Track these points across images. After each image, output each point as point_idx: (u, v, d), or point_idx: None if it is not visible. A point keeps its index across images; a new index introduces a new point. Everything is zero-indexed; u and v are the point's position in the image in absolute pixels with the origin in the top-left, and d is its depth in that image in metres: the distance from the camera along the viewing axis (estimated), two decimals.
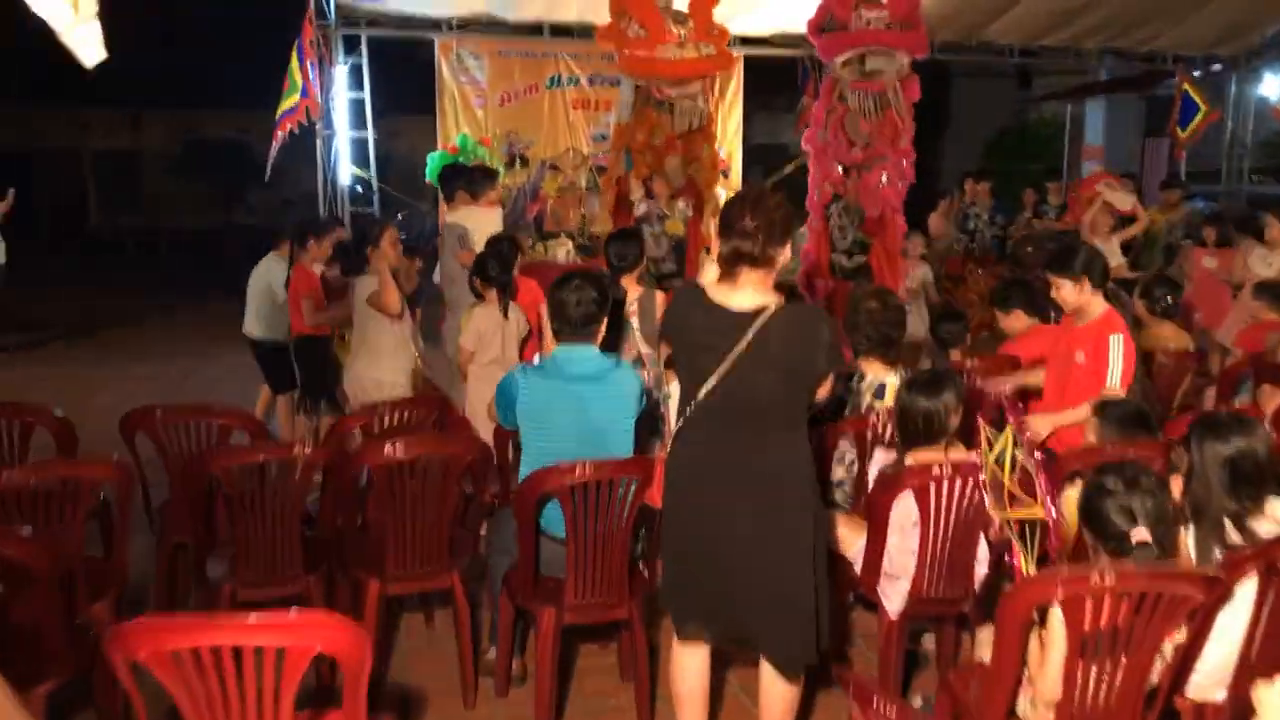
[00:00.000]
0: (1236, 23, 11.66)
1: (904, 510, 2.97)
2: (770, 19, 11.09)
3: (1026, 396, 4.11)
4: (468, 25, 10.54)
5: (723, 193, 11.34)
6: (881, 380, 3.54)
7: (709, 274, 4.47)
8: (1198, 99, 11.88)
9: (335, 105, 10.32)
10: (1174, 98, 12.21)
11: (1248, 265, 6.59)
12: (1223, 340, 6.29)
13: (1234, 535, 2.42)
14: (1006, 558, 2.50)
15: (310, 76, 8.66)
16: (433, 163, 10.39)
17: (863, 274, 6.75)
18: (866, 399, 3.53)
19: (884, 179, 6.66)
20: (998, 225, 10.57)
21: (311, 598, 3.12)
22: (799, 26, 11.36)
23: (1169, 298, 4.86)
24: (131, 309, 12.45)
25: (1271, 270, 6.40)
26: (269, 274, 6.09)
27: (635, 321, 3.96)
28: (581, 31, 10.79)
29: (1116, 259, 7.58)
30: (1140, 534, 2.24)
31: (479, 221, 6.00)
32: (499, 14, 10.38)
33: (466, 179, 6.17)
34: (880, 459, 3.17)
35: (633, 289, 4.10)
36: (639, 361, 3.96)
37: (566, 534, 2.89)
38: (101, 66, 4.88)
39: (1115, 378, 3.57)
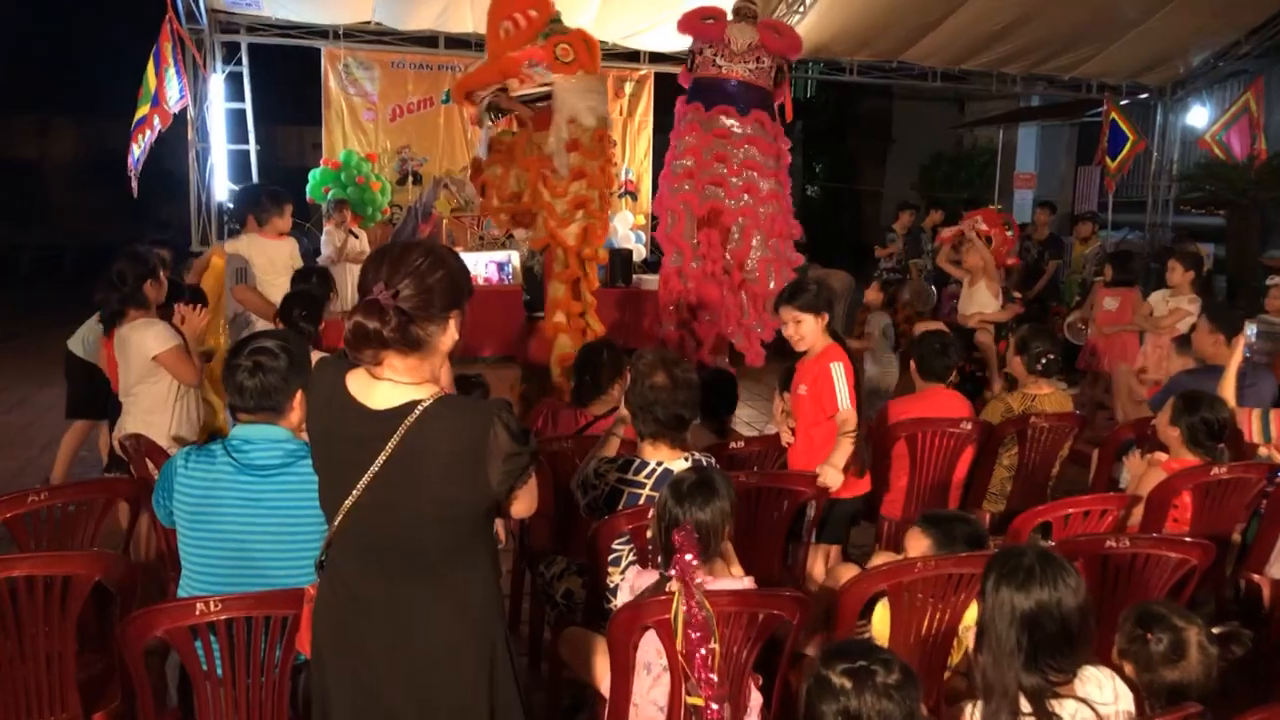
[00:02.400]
0: (1160, 51, 11.38)
1: (651, 650, 2.36)
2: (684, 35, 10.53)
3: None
4: (356, 34, 9.89)
5: (630, 216, 10.80)
6: (668, 467, 2.94)
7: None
8: (1126, 128, 11.53)
9: (211, 116, 9.60)
10: (1102, 127, 11.87)
11: (1149, 305, 6.14)
12: (1132, 385, 5.83)
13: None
14: None
15: (168, 84, 7.93)
16: (314, 179, 9.71)
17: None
18: (646, 490, 2.92)
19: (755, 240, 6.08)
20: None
21: None
22: None
23: (1049, 355, 4.31)
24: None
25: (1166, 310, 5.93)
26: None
27: None
28: (479, 43, 10.19)
29: (985, 304, 7.05)
30: None
31: (264, 253, 5.28)
32: (388, 23, 9.77)
33: (253, 203, 5.46)
34: (631, 580, 2.55)
35: None
36: None
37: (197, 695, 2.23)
38: (10, 73, 4.14)
39: (844, 399, 3.48)
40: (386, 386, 1.87)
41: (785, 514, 3.27)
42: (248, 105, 9.96)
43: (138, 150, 7.84)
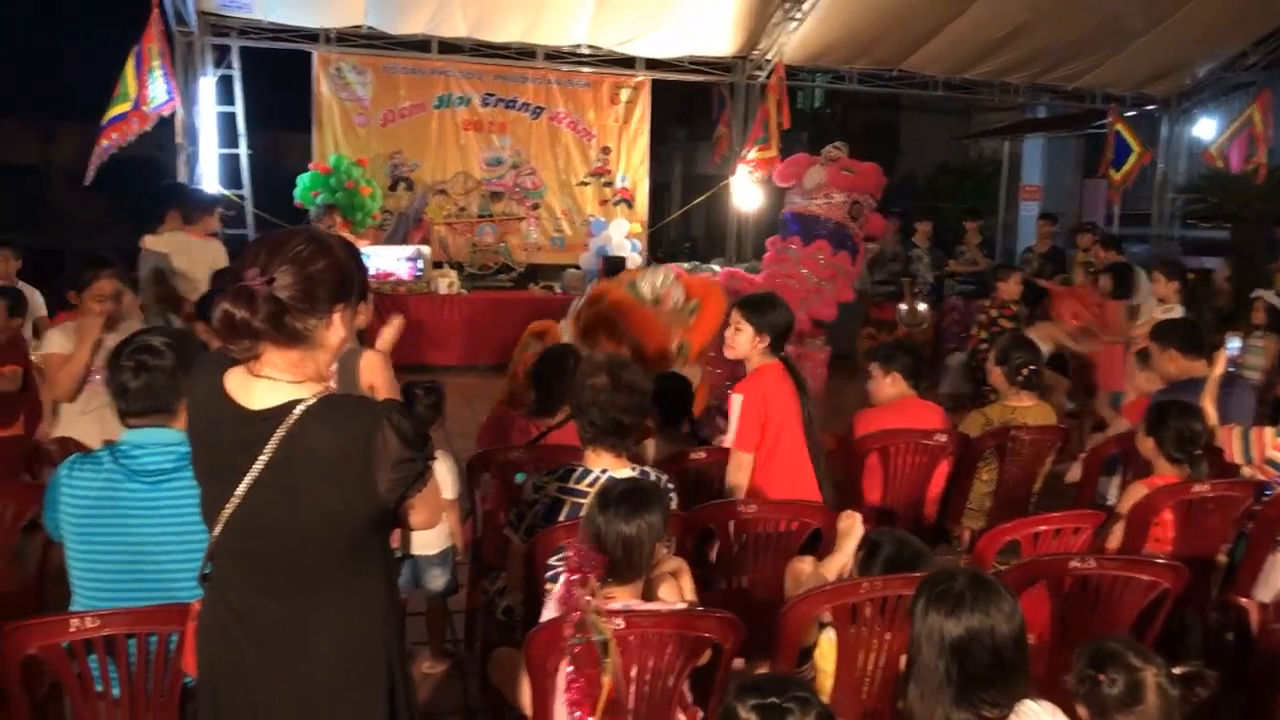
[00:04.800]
0: (1166, 62, 11.20)
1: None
2: (680, 42, 10.43)
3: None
4: (348, 38, 9.79)
5: (625, 224, 10.67)
6: (612, 475, 2.77)
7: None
8: (1131, 140, 11.33)
9: (201, 119, 9.51)
10: (1106, 138, 11.68)
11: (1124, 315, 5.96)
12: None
13: None
14: None
15: (151, 86, 7.82)
16: (303, 184, 9.61)
17: None
18: (588, 500, 2.76)
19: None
20: (934, 267, 9.88)
21: None
22: (712, 50, 10.84)
23: (1030, 366, 4.13)
24: None
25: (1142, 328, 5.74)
26: None
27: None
28: (474, 48, 10.12)
29: None
30: None
31: (187, 251, 5.12)
32: (380, 26, 9.66)
33: (181, 198, 5.30)
34: (564, 593, 2.38)
35: None
36: None
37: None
38: (13, 78, 4.04)
39: (730, 434, 3.35)
40: (265, 385, 1.72)
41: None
42: (238, 109, 9.86)
43: (107, 145, 7.69)
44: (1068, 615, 2.63)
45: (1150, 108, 12.62)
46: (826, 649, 2.47)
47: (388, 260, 8.99)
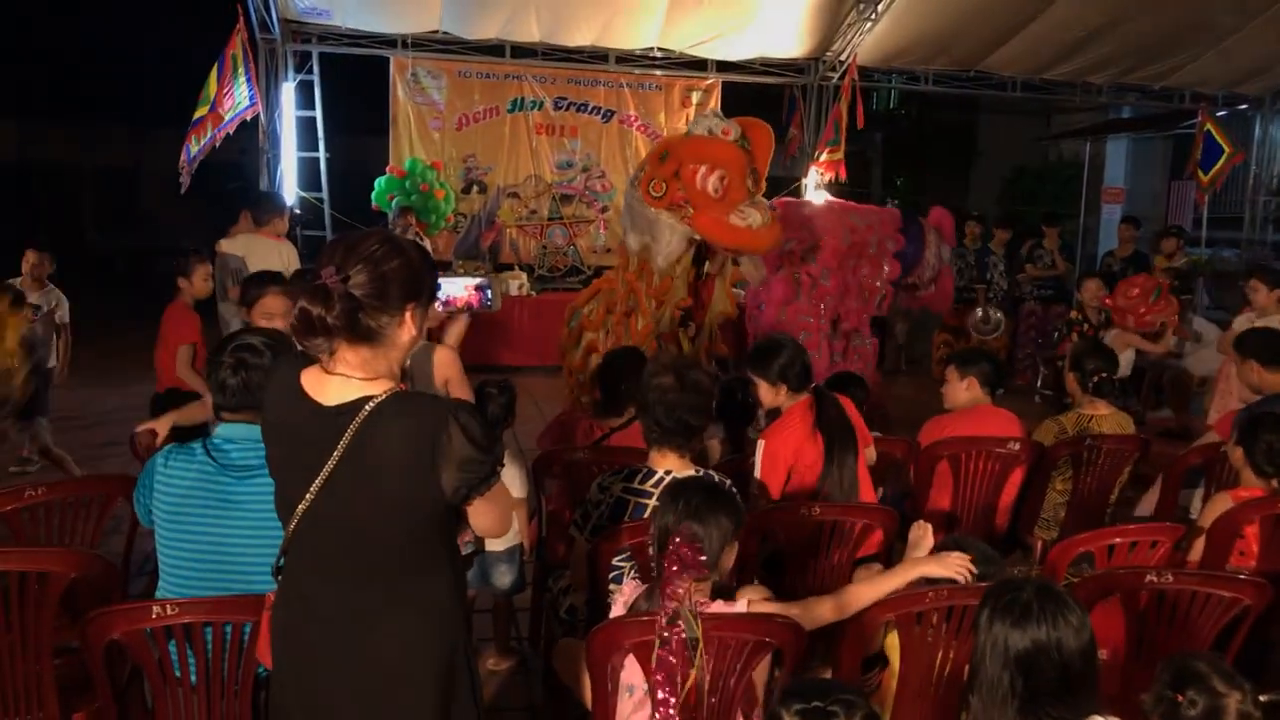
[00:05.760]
0: (1259, 59, 10.76)
1: (636, 672, 2.20)
2: (751, 44, 10.39)
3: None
4: (424, 44, 9.98)
5: None
6: (677, 476, 2.77)
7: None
8: (1221, 140, 10.91)
9: (283, 124, 9.79)
10: (1195, 138, 11.28)
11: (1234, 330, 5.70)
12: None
13: None
14: None
15: (236, 91, 8.08)
16: (379, 187, 9.81)
17: None
18: (652, 501, 2.77)
19: None
20: (1009, 274, 9.65)
21: None
22: (784, 51, 10.77)
23: (1103, 373, 4.01)
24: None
25: None
26: None
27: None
28: (546, 53, 10.23)
29: None
30: None
31: (261, 253, 5.24)
32: (455, 31, 9.82)
33: (254, 201, 5.42)
34: (631, 592, 2.39)
35: None
36: None
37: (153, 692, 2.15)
38: (109, 83, 4.27)
39: (755, 473, 3.34)
40: (339, 382, 1.77)
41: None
42: (318, 113, 10.12)
43: (194, 149, 7.95)
44: (1143, 631, 2.56)
45: (1242, 107, 12.16)
46: (893, 644, 2.44)
47: (456, 289, 8.94)
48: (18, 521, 2.79)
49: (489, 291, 1.92)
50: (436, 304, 1.96)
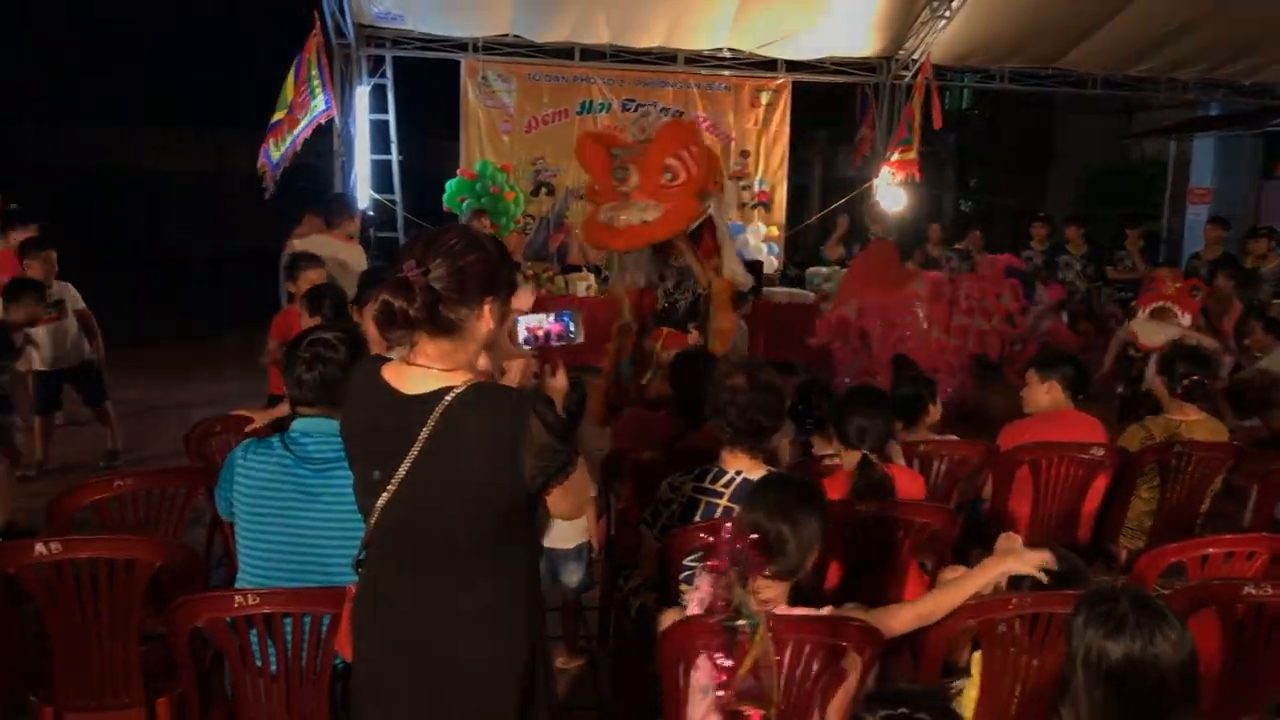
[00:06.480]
0: None
1: (706, 674, 2.17)
2: (822, 43, 10.28)
3: None
4: (494, 47, 10.09)
5: (762, 227, 10.59)
6: (748, 477, 2.74)
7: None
8: None
9: (357, 127, 9.98)
10: None
11: None
12: None
13: None
14: None
15: (312, 95, 8.26)
16: (450, 189, 9.92)
17: None
18: (724, 501, 2.74)
19: None
20: (1088, 276, 9.38)
21: None
22: (855, 50, 10.64)
23: (1193, 376, 3.86)
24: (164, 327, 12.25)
25: None
26: None
27: None
28: (615, 54, 10.26)
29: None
30: None
31: (332, 254, 5.28)
32: (525, 34, 9.91)
33: (324, 203, 5.54)
34: (706, 590, 2.36)
35: None
36: None
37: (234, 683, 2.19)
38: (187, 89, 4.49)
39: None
40: (419, 373, 1.80)
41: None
42: (391, 116, 10.30)
43: (275, 154, 8.13)
44: (1240, 646, 2.44)
45: None
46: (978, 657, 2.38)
47: (536, 321, 8.86)
48: (107, 511, 2.88)
49: (571, 323, 1.90)
50: (519, 337, 1.97)
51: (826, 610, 2.31)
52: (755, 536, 2.14)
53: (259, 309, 5.55)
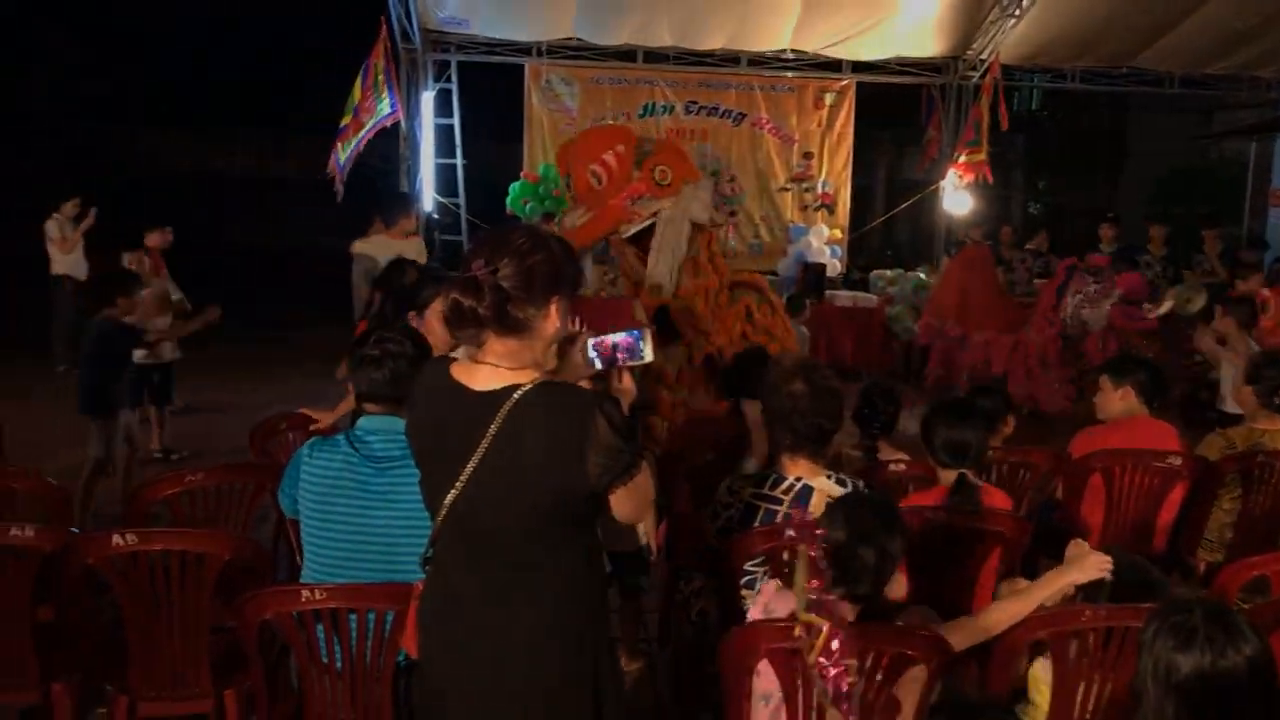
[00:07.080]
0: None
1: (769, 680, 2.14)
2: (887, 44, 10.16)
3: None
4: (557, 51, 10.16)
5: (825, 230, 10.50)
6: (808, 484, 2.70)
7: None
8: None
9: (422, 132, 10.13)
10: None
11: None
12: None
13: None
14: None
15: (378, 99, 8.40)
16: (513, 192, 9.99)
17: None
18: (783, 507, 2.69)
19: None
20: (1167, 278, 9.09)
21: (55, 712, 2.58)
22: (921, 51, 10.48)
23: None
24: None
25: None
26: None
27: None
28: (677, 57, 10.25)
29: None
30: None
31: (392, 251, 5.34)
32: (587, 38, 9.96)
33: (382, 203, 5.66)
34: (770, 596, 2.33)
35: None
36: None
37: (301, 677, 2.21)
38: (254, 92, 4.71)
39: None
40: (487, 370, 1.81)
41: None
42: (455, 121, 10.43)
43: (341, 156, 8.29)
44: None
45: None
46: (1039, 677, 2.30)
47: (605, 338, 8.79)
48: (178, 505, 2.95)
49: (640, 341, 1.87)
50: (589, 353, 1.95)
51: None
52: (832, 556, 2.09)
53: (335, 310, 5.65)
